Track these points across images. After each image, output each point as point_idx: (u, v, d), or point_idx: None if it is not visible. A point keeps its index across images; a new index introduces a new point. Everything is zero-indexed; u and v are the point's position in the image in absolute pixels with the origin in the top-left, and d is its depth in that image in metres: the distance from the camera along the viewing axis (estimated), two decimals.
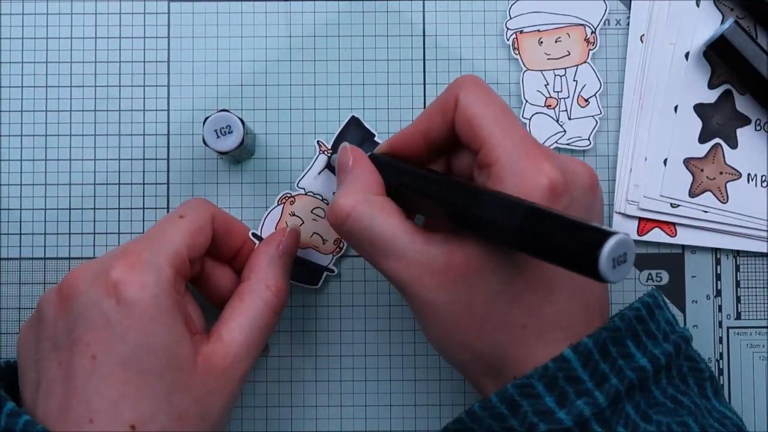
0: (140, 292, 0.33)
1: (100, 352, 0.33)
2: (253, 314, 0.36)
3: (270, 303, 0.37)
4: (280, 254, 0.38)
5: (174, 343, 0.34)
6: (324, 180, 0.40)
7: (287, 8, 0.45)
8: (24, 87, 0.44)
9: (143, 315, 0.33)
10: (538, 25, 0.44)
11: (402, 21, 0.44)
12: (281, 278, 0.38)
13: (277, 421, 0.43)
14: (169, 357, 0.33)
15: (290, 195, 0.39)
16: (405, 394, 0.43)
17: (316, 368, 0.44)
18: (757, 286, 0.44)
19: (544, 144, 0.44)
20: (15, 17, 0.44)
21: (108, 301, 0.33)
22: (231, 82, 0.44)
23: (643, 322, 0.34)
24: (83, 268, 0.35)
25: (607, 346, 0.33)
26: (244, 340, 0.36)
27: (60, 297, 0.34)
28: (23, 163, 0.44)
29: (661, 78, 0.44)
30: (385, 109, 0.44)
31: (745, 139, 0.44)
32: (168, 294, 0.34)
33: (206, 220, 0.37)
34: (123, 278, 0.33)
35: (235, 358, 0.35)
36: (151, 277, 0.34)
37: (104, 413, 0.32)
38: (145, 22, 0.44)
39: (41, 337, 0.34)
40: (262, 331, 0.37)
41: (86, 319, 0.33)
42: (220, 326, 0.36)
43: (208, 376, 0.34)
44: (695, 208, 0.44)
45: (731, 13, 0.44)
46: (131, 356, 0.33)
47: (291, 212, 0.40)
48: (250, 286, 0.37)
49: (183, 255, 0.35)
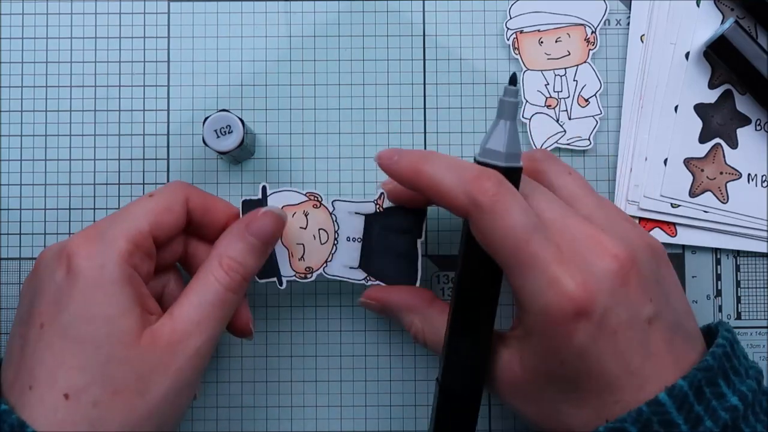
0: (87, 261, 0.34)
1: (47, 321, 0.33)
2: (204, 290, 0.36)
3: (221, 279, 0.36)
4: (246, 233, 0.37)
5: (115, 314, 0.34)
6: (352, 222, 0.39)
7: (287, 8, 0.45)
8: (24, 87, 0.44)
9: (87, 284, 0.33)
10: (538, 25, 0.44)
11: (402, 21, 0.44)
12: (239, 257, 0.37)
13: (277, 421, 0.43)
14: (109, 328, 0.33)
15: (319, 201, 0.38)
16: (405, 394, 0.43)
17: (315, 368, 0.44)
18: (757, 286, 0.44)
19: (546, 143, 0.44)
20: (15, 17, 0.44)
21: (59, 272, 0.34)
22: (231, 82, 0.44)
23: (729, 359, 0.34)
24: (52, 245, 0.36)
25: (701, 387, 0.32)
26: (194, 315, 0.35)
27: (30, 273, 0.36)
28: (23, 163, 0.44)
29: (661, 78, 0.44)
30: (385, 109, 0.44)
31: (745, 139, 0.44)
32: (116, 265, 0.34)
33: (177, 199, 0.37)
34: (74, 250, 0.34)
35: (183, 334, 0.35)
36: (100, 247, 0.34)
37: (42, 381, 0.33)
38: (145, 22, 0.44)
39: (16, 316, 0.36)
40: (215, 307, 0.36)
41: (41, 291, 0.34)
42: (173, 305, 0.36)
43: (151, 351, 0.34)
44: (695, 208, 0.44)
45: (731, 13, 0.44)
46: (71, 325, 0.33)
47: (306, 212, 0.39)
48: (206, 264, 0.37)
49: (144, 231, 0.35)
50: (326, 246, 0.40)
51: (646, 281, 0.33)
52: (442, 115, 0.44)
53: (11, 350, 0.35)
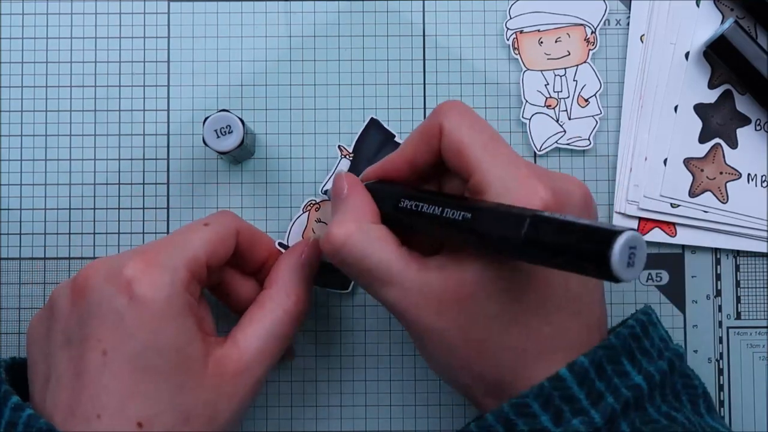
0: (153, 290, 0.33)
1: (111, 348, 0.33)
2: (270, 322, 0.36)
3: (289, 312, 0.37)
4: (302, 264, 0.38)
5: (184, 344, 0.34)
6: None
7: (287, 8, 0.45)
8: (24, 87, 0.44)
9: (154, 314, 0.33)
10: (538, 25, 0.44)
11: (402, 21, 0.44)
12: (302, 287, 0.38)
13: (277, 421, 0.43)
14: (178, 357, 0.33)
15: (315, 202, 0.38)
16: (405, 394, 0.43)
17: (315, 368, 0.44)
18: (757, 286, 0.44)
19: (545, 143, 0.44)
20: (15, 17, 0.44)
21: (120, 298, 0.33)
22: (231, 82, 0.44)
23: (637, 340, 0.34)
24: (98, 264, 0.35)
25: (603, 364, 0.33)
26: (260, 346, 0.36)
27: (74, 291, 0.34)
28: (23, 163, 0.44)
29: (661, 78, 0.44)
30: (385, 109, 0.44)
31: (745, 139, 0.44)
32: (180, 295, 0.34)
33: (230, 231, 0.37)
34: (137, 276, 0.33)
35: (249, 364, 0.35)
36: (165, 277, 0.34)
37: (112, 410, 0.32)
38: (145, 22, 0.44)
39: (53, 330, 0.35)
40: (279, 339, 0.37)
41: (99, 315, 0.33)
42: (237, 331, 0.36)
43: (219, 379, 0.34)
44: (695, 208, 0.44)
45: (731, 13, 0.44)
46: (141, 354, 0.33)
47: (317, 219, 0.39)
48: (270, 294, 0.37)
49: (201, 260, 0.35)
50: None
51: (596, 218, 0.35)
52: None
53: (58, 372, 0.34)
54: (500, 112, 0.44)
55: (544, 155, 0.44)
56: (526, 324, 0.33)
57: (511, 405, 0.32)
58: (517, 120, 0.44)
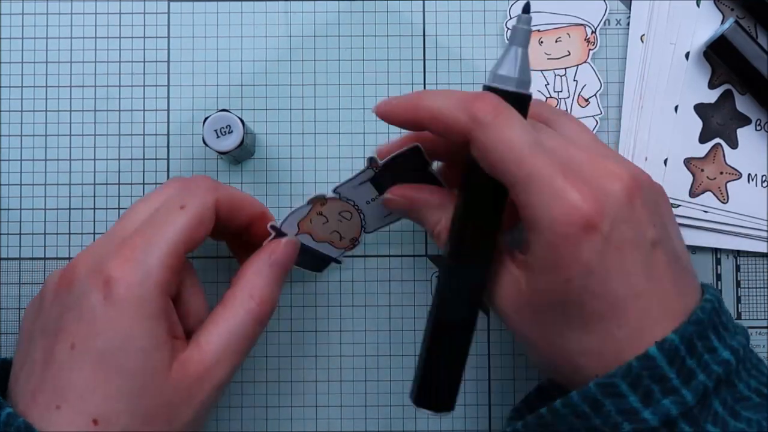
0: (127, 291, 0.33)
1: (80, 343, 0.33)
2: (233, 323, 0.36)
3: (252, 312, 0.36)
4: (271, 264, 0.37)
5: (151, 347, 0.34)
6: (362, 190, 0.39)
7: (287, 8, 0.45)
8: (24, 87, 0.44)
9: (126, 315, 0.33)
10: (538, 25, 0.44)
11: (402, 21, 0.44)
12: (267, 289, 0.37)
13: (277, 421, 0.43)
14: (144, 360, 0.33)
15: (324, 199, 0.38)
16: (405, 394, 0.43)
17: (316, 368, 0.44)
18: (757, 286, 0.44)
19: None
20: (15, 17, 0.44)
21: (97, 295, 0.33)
22: (231, 82, 0.44)
23: (718, 315, 0.34)
24: (86, 255, 0.35)
25: (693, 340, 0.32)
26: (223, 347, 0.35)
27: (60, 282, 0.35)
28: (23, 163, 0.44)
29: (661, 78, 0.44)
30: None
31: (745, 139, 0.44)
32: (155, 297, 0.34)
33: (208, 209, 0.37)
34: (114, 275, 0.33)
35: (210, 366, 0.35)
36: (140, 276, 0.34)
37: (71, 402, 0.33)
38: (145, 22, 0.44)
39: (38, 317, 0.35)
40: (243, 339, 0.36)
41: (75, 309, 0.34)
42: (200, 333, 0.36)
43: (181, 381, 0.34)
44: (695, 208, 0.44)
45: (731, 13, 0.44)
46: (107, 352, 0.33)
47: (319, 212, 0.39)
48: (233, 293, 0.37)
49: (179, 252, 0.35)
50: (354, 219, 0.40)
51: (649, 206, 0.33)
52: None
53: (29, 357, 0.34)
54: None
55: None
56: (598, 330, 0.32)
57: (597, 384, 0.32)
58: None
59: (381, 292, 0.44)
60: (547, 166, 0.32)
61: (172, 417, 0.34)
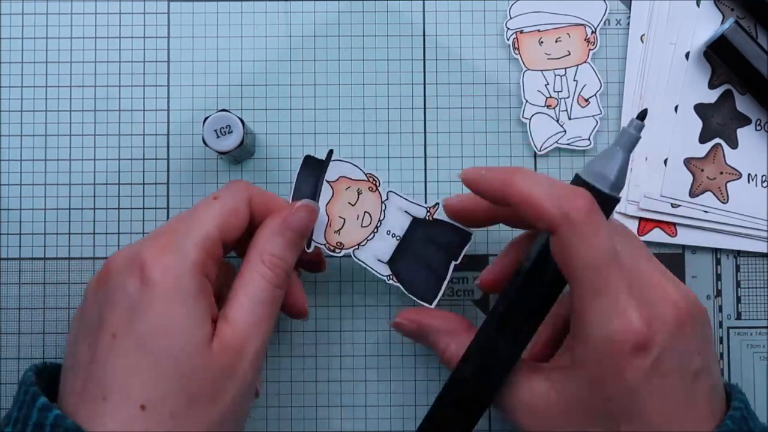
0: (162, 273, 0.33)
1: (120, 331, 0.33)
2: (252, 290, 0.36)
3: (266, 277, 0.36)
4: (283, 228, 0.37)
5: (191, 327, 0.34)
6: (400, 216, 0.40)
7: (287, 8, 0.45)
8: (24, 87, 0.44)
9: (162, 296, 0.33)
10: (538, 25, 0.44)
11: (402, 21, 0.44)
12: (278, 253, 0.37)
13: (277, 421, 0.43)
14: (184, 341, 0.33)
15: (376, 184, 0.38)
16: (405, 394, 0.43)
17: (316, 368, 0.44)
18: (757, 286, 0.44)
19: (546, 143, 0.44)
20: (15, 17, 0.44)
21: (133, 282, 0.33)
22: (231, 82, 0.44)
23: (746, 422, 0.34)
24: (120, 252, 0.35)
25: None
26: (250, 317, 0.35)
27: (98, 282, 0.35)
28: (23, 163, 0.44)
29: (661, 78, 0.44)
30: (385, 109, 0.44)
31: (745, 139, 0.44)
32: (192, 277, 0.34)
33: (241, 200, 0.37)
34: (150, 261, 0.34)
35: (244, 338, 0.35)
36: (176, 259, 0.34)
37: (116, 392, 0.33)
38: (145, 22, 0.44)
39: (81, 320, 0.35)
40: (264, 305, 0.36)
41: (113, 301, 0.34)
42: (225, 306, 0.36)
43: (220, 358, 0.34)
44: (695, 208, 0.44)
45: (731, 13, 0.44)
46: (147, 336, 0.33)
47: (359, 190, 0.39)
48: (247, 260, 0.37)
49: (214, 237, 0.35)
50: (365, 230, 0.40)
51: (697, 336, 0.34)
52: (442, 115, 0.44)
53: (76, 358, 0.34)
54: (500, 112, 0.44)
55: (544, 155, 0.44)
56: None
57: None
58: (517, 120, 0.44)
59: (381, 293, 0.44)
60: (618, 280, 0.32)
61: (216, 395, 0.34)
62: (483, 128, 0.44)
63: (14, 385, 0.43)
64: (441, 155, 0.44)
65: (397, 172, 0.44)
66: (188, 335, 0.33)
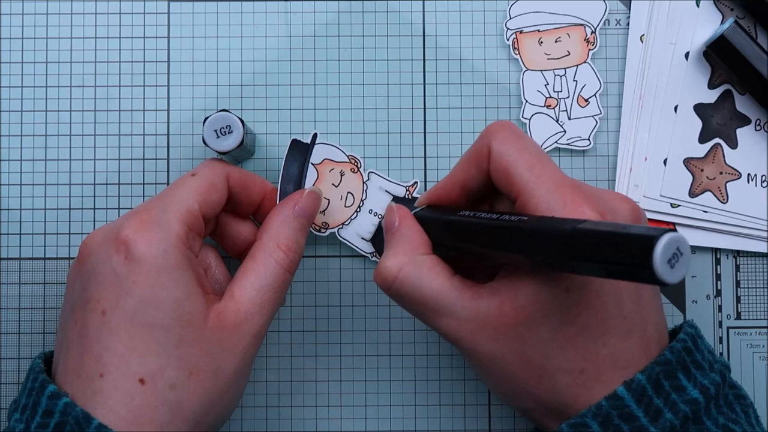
0: (148, 247, 0.34)
1: (109, 307, 0.33)
2: (264, 272, 0.37)
3: (281, 261, 0.37)
4: (295, 214, 0.38)
5: (182, 297, 0.34)
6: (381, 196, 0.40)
7: (287, 8, 0.45)
8: (24, 87, 0.44)
9: (150, 269, 0.33)
10: (538, 25, 0.44)
11: (402, 21, 0.44)
12: (293, 238, 0.38)
13: (277, 421, 0.43)
14: (177, 311, 0.34)
15: (357, 165, 0.39)
16: (405, 394, 0.43)
17: (316, 368, 0.44)
18: (757, 286, 0.44)
19: (546, 143, 0.44)
20: (15, 17, 0.44)
21: (117, 258, 0.34)
22: (231, 82, 0.44)
23: (690, 353, 0.34)
24: (97, 231, 0.36)
25: (660, 380, 0.33)
26: (256, 297, 0.36)
27: (77, 262, 0.35)
28: (23, 163, 0.44)
29: (661, 78, 0.44)
30: (385, 109, 0.44)
31: (745, 139, 0.44)
32: (177, 249, 0.34)
33: (219, 176, 0.38)
34: (131, 236, 0.34)
35: (248, 314, 0.36)
36: (159, 233, 0.34)
37: (113, 367, 0.33)
38: (145, 22, 0.44)
39: (65, 302, 0.36)
40: (274, 288, 0.37)
41: (97, 276, 0.34)
42: (232, 285, 0.36)
43: (219, 331, 0.35)
44: (695, 208, 0.44)
45: (731, 13, 0.44)
46: (139, 310, 0.33)
47: (342, 171, 0.40)
48: (261, 244, 0.38)
49: (195, 211, 0.36)
50: (349, 210, 0.41)
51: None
52: (442, 115, 0.44)
53: (67, 339, 0.35)
54: (500, 112, 0.44)
55: None
56: (582, 346, 0.33)
57: (569, 425, 0.32)
58: (517, 120, 0.44)
59: (381, 292, 0.44)
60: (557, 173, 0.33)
61: (216, 368, 0.34)
62: (483, 128, 0.44)
63: (14, 385, 0.43)
64: (441, 155, 0.44)
65: (397, 172, 0.44)
66: (179, 306, 0.34)
